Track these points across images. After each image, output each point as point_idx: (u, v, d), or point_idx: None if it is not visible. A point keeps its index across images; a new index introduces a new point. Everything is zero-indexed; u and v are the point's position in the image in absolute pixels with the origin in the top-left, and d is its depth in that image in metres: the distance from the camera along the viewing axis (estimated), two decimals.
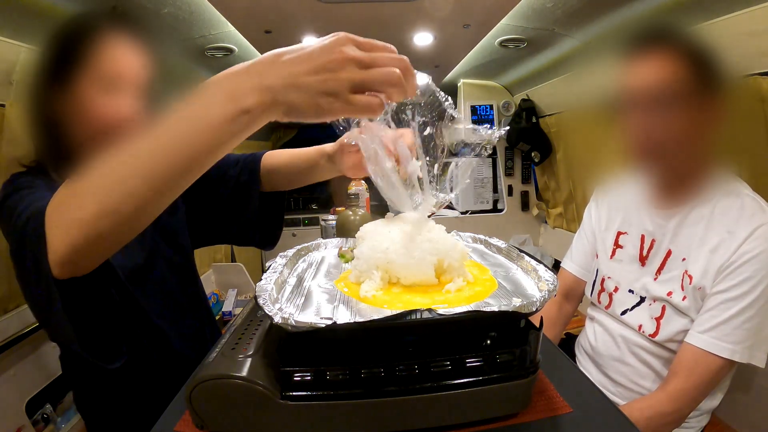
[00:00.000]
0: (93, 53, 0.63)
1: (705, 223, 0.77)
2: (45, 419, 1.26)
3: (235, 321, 0.59)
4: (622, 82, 0.79)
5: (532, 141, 2.09)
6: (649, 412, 0.74)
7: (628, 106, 0.78)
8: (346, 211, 1.15)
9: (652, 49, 0.75)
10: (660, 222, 0.84)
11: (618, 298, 0.90)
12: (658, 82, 0.73)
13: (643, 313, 0.84)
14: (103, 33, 0.64)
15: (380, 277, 0.51)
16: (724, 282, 0.73)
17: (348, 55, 0.38)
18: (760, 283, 0.71)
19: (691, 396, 0.74)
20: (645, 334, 0.83)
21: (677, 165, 0.79)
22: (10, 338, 1.13)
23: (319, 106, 0.39)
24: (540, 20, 1.29)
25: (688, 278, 0.77)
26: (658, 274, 0.83)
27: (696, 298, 0.76)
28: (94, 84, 0.63)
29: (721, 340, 0.71)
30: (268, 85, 0.38)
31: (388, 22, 1.29)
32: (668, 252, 0.82)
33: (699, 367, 0.73)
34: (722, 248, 0.74)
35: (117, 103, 0.65)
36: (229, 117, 0.38)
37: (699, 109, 0.72)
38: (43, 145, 0.67)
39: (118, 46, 0.65)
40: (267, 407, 0.43)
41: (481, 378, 0.45)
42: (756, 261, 0.71)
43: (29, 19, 0.93)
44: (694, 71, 0.72)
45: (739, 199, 0.76)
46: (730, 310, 0.72)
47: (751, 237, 0.71)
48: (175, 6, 1.06)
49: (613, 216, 0.96)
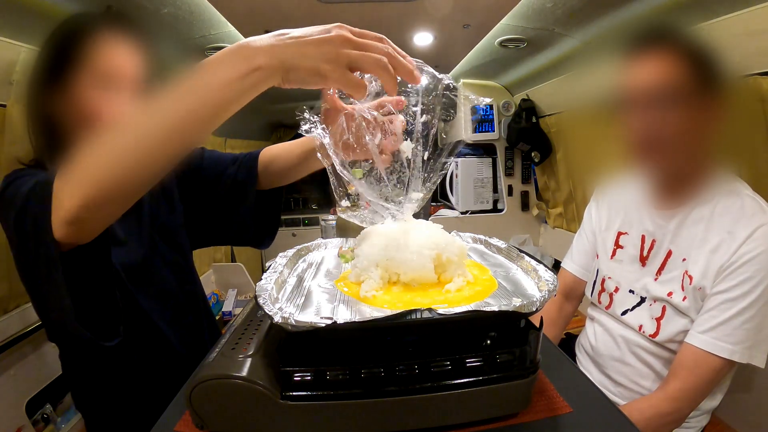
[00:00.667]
0: (89, 52, 0.64)
1: (705, 224, 0.77)
2: (45, 419, 1.26)
3: (235, 321, 0.59)
4: (622, 82, 0.79)
5: (532, 141, 2.09)
6: (649, 413, 0.74)
7: (628, 106, 0.78)
8: None
9: (651, 49, 0.75)
10: (660, 222, 0.85)
11: (618, 299, 0.90)
12: (658, 82, 0.73)
13: (644, 313, 0.84)
14: (98, 32, 0.65)
15: (380, 276, 0.51)
16: (724, 282, 0.73)
17: (346, 36, 0.44)
18: (760, 283, 0.71)
19: (691, 396, 0.74)
20: (645, 334, 0.83)
21: (677, 165, 0.79)
22: (10, 338, 1.13)
23: (319, 71, 0.44)
24: (540, 20, 1.29)
25: (688, 278, 0.77)
26: (658, 274, 0.84)
27: (696, 299, 0.76)
28: (91, 82, 0.64)
29: (720, 340, 0.71)
30: (278, 50, 0.43)
31: (388, 22, 1.29)
32: (669, 252, 0.82)
33: (699, 368, 0.73)
34: (722, 248, 0.74)
35: (113, 101, 0.66)
36: (243, 73, 0.43)
37: (699, 109, 0.72)
38: (42, 143, 0.68)
39: (113, 45, 0.66)
40: (267, 407, 0.43)
41: (481, 378, 0.45)
42: (756, 261, 0.71)
43: (29, 19, 0.93)
44: (694, 71, 0.72)
45: (739, 199, 0.76)
46: (730, 310, 0.72)
47: (751, 237, 0.71)
48: (175, 6, 1.06)
49: (614, 216, 0.96)
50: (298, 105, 0.59)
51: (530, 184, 2.37)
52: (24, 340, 1.17)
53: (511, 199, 2.37)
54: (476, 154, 2.36)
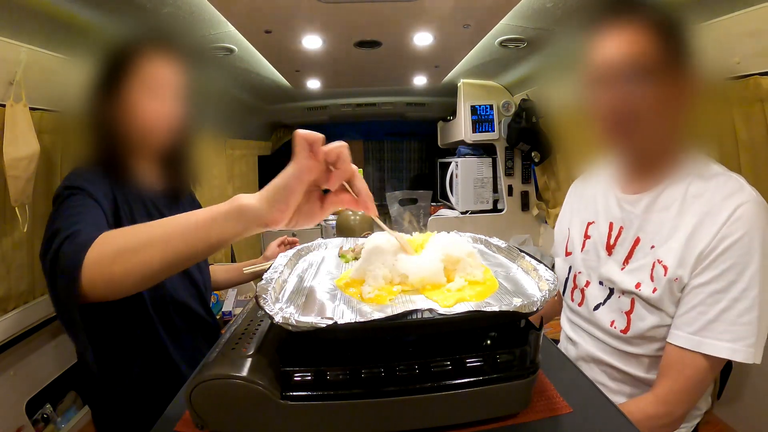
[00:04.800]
0: (140, 67, 0.75)
1: (678, 206, 0.72)
2: (45, 419, 1.26)
3: (235, 321, 0.59)
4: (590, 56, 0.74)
5: (532, 141, 2.09)
6: (638, 415, 0.69)
7: (596, 80, 0.73)
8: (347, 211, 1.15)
9: (619, 20, 0.70)
10: (628, 208, 0.79)
11: (590, 293, 0.85)
12: (626, 54, 0.68)
13: (614, 306, 0.79)
14: (146, 50, 0.77)
15: (382, 276, 0.51)
16: (706, 272, 0.67)
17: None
18: (745, 268, 0.64)
19: (683, 398, 0.70)
20: (617, 329, 0.77)
21: (647, 143, 0.74)
22: (10, 338, 1.13)
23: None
24: (540, 20, 1.29)
25: (662, 269, 0.71)
26: (625, 263, 0.78)
27: (672, 290, 0.70)
28: (142, 92, 0.75)
29: (716, 339, 0.66)
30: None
31: (388, 22, 1.29)
32: (636, 239, 0.77)
33: (689, 369, 0.68)
34: (700, 233, 0.67)
35: (159, 107, 0.77)
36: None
37: (668, 84, 0.67)
38: (98, 149, 0.78)
39: (158, 60, 0.78)
40: (267, 407, 0.43)
41: (481, 378, 0.45)
42: (739, 245, 0.64)
43: (29, 19, 0.93)
44: (663, 43, 0.67)
45: (714, 178, 0.70)
46: (719, 303, 0.65)
47: (731, 218, 0.65)
48: (175, 6, 1.06)
49: (583, 208, 0.92)
50: (298, 105, 0.59)
51: (530, 184, 2.37)
52: (24, 340, 1.17)
53: (511, 199, 2.37)
54: (476, 154, 2.36)
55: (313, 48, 1.47)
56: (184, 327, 0.82)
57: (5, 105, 0.96)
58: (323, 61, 1.65)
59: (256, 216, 0.46)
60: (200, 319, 0.87)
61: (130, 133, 0.77)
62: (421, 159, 3.36)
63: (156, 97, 0.77)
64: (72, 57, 1.06)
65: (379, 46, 1.49)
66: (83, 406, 1.43)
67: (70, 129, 1.16)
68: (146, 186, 0.83)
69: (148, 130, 0.78)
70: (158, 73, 0.77)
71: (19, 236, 1.10)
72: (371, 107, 2.64)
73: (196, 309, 0.86)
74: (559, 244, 0.98)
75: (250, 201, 0.46)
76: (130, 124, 0.77)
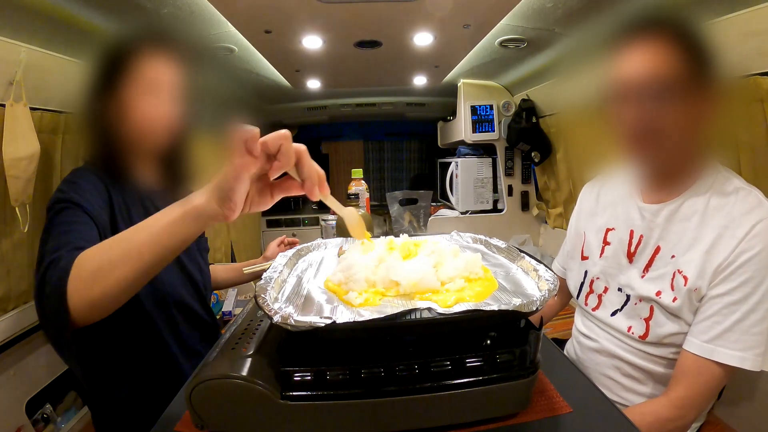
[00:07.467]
0: (137, 66, 0.75)
1: (698, 218, 0.73)
2: (45, 419, 1.26)
3: (235, 321, 0.59)
4: (614, 72, 0.75)
5: (532, 141, 2.08)
6: (650, 417, 0.71)
7: (620, 96, 0.74)
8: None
9: (644, 36, 0.71)
10: (649, 217, 0.81)
11: (608, 299, 0.87)
12: (652, 71, 0.69)
13: (631, 313, 0.81)
14: (143, 49, 0.77)
15: (365, 279, 0.51)
16: (723, 284, 0.69)
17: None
18: (762, 282, 0.67)
19: (696, 404, 0.71)
20: (635, 335, 0.79)
21: (670, 157, 0.75)
22: (10, 338, 1.13)
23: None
24: (540, 20, 1.29)
25: (682, 279, 0.73)
26: (645, 271, 0.80)
27: (691, 300, 0.72)
28: (139, 90, 0.75)
29: (728, 348, 0.68)
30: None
31: (388, 22, 1.29)
32: (657, 248, 0.78)
33: (703, 376, 0.70)
34: (719, 246, 0.70)
35: (156, 105, 0.77)
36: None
37: (693, 99, 0.69)
38: (96, 149, 0.79)
39: (155, 59, 0.77)
40: (267, 407, 0.43)
41: (481, 378, 0.45)
42: (756, 260, 0.67)
43: (29, 19, 0.93)
44: (689, 59, 0.68)
45: (735, 192, 0.72)
46: (734, 314, 0.68)
47: (750, 234, 0.68)
48: (175, 6, 1.06)
49: (601, 213, 0.93)
50: (298, 105, 0.59)
51: (530, 184, 2.37)
52: (24, 340, 1.17)
53: (511, 199, 2.37)
54: (476, 154, 2.36)
55: (313, 48, 1.47)
56: (185, 327, 0.82)
57: (5, 105, 0.96)
58: (323, 61, 1.65)
59: (211, 215, 0.48)
60: (200, 319, 0.87)
61: (130, 132, 0.77)
62: (421, 159, 3.36)
63: (155, 97, 0.77)
64: (72, 57, 1.07)
65: (379, 46, 1.49)
66: (83, 406, 1.43)
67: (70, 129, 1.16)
68: (145, 186, 0.83)
69: (148, 130, 0.78)
70: (158, 73, 0.77)
71: (19, 236, 1.10)
72: (371, 107, 2.64)
73: (196, 309, 0.86)
74: (573, 247, 0.99)
75: (202, 201, 0.48)
76: (130, 124, 0.77)
